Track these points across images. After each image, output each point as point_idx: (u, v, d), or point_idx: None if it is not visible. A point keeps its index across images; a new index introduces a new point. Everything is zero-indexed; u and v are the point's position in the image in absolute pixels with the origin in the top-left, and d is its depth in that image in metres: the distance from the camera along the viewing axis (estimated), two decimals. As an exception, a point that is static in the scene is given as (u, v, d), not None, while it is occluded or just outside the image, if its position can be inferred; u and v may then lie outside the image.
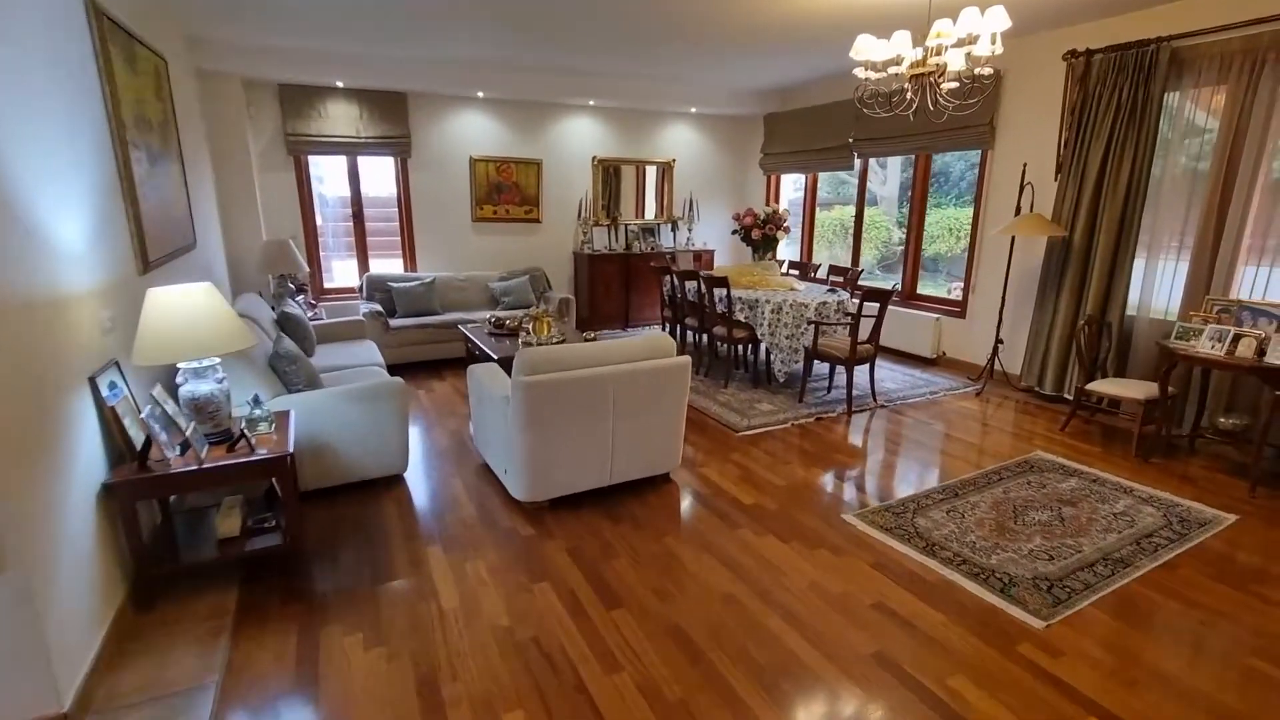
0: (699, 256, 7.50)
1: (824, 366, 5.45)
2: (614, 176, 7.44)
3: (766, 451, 3.91)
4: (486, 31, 4.78)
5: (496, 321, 4.81)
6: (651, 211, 7.78)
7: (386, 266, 6.58)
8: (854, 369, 4.60)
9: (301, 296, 5.54)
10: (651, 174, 7.66)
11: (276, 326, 4.22)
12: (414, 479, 3.50)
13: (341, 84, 5.70)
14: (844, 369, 4.63)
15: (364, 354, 4.55)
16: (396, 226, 6.58)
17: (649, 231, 7.68)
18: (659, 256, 7.24)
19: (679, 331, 5.93)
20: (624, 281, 7.25)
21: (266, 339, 3.68)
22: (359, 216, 6.37)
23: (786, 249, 7.75)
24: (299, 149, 5.84)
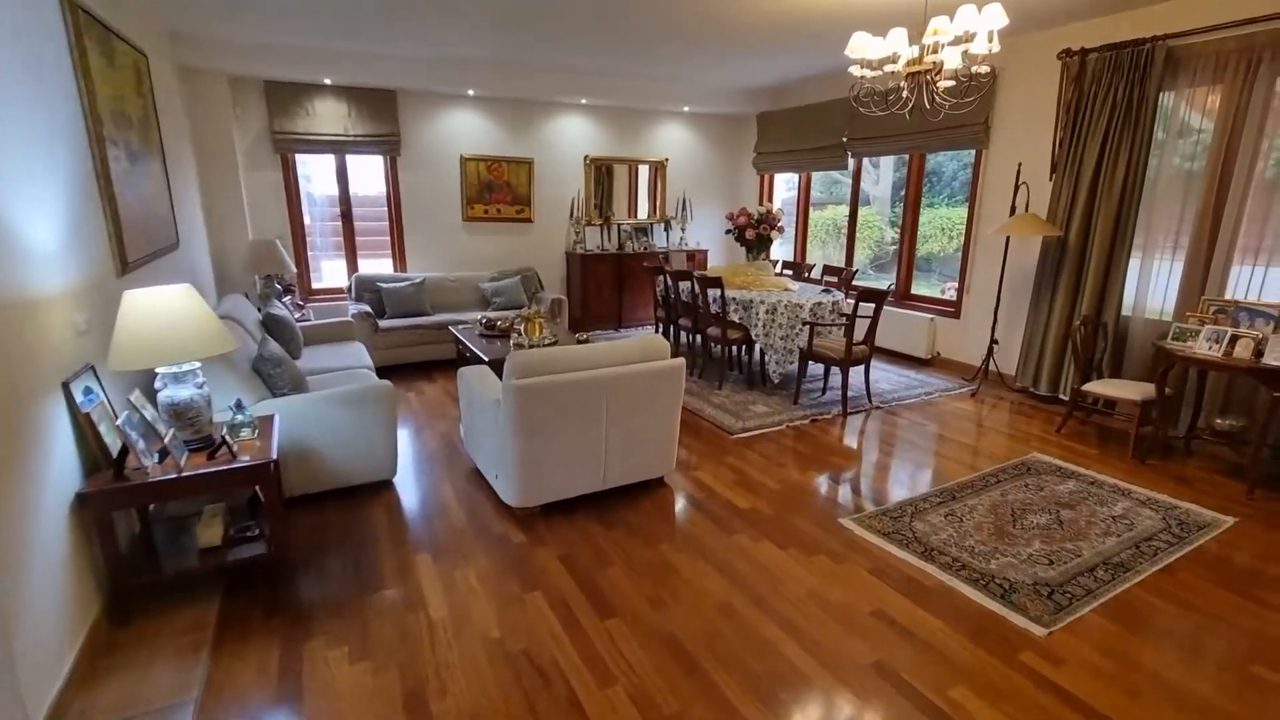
0: (692, 256, 7.44)
1: (818, 367, 5.42)
2: (606, 176, 7.37)
3: (761, 454, 3.86)
4: (477, 28, 4.71)
5: (488, 323, 4.74)
6: (644, 211, 7.72)
7: (376, 267, 6.49)
8: (849, 370, 4.56)
9: (289, 297, 5.45)
10: (644, 173, 7.60)
11: (262, 328, 4.14)
12: (403, 484, 3.43)
13: (329, 81, 5.61)
14: (839, 370, 4.59)
15: (352, 356, 4.47)
16: (386, 226, 6.49)
17: (642, 231, 7.63)
18: (652, 256, 7.18)
19: (673, 332, 5.87)
20: (617, 282, 7.19)
21: (251, 341, 3.60)
22: (348, 216, 6.28)
23: (780, 249, 7.70)
24: (286, 147, 5.75)
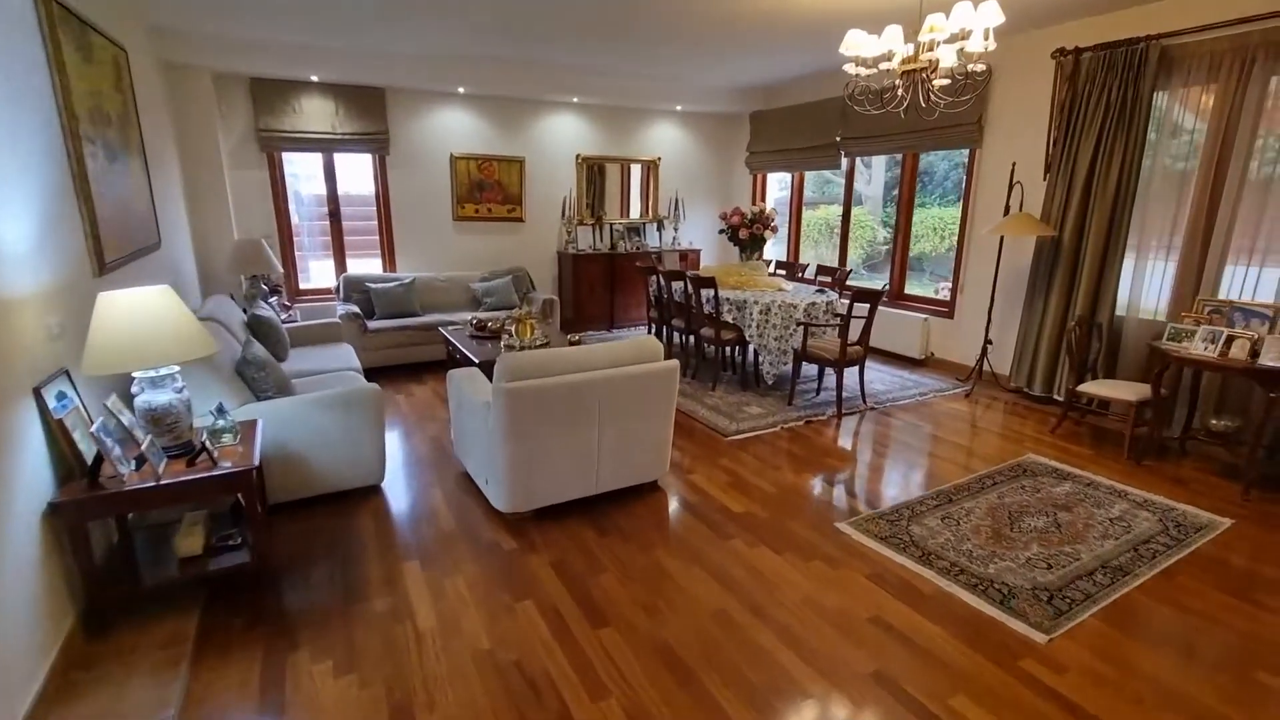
0: (685, 256, 7.40)
1: (812, 368, 5.38)
2: (598, 175, 7.31)
3: (756, 456, 3.81)
4: (466, 25, 4.64)
5: (478, 323, 4.67)
6: (636, 210, 7.66)
7: (365, 267, 6.41)
8: (844, 371, 4.52)
9: (275, 298, 5.36)
10: (636, 172, 7.55)
11: (246, 330, 4.05)
12: (391, 489, 3.36)
13: (316, 78, 5.52)
14: (833, 371, 4.56)
15: (340, 358, 4.39)
16: (375, 225, 6.40)
17: (634, 231, 7.57)
18: (644, 256, 7.12)
19: (665, 333, 5.82)
20: (609, 282, 7.13)
21: (235, 343, 3.51)
22: (336, 215, 6.19)
23: (772, 249, 7.66)
24: (272, 145, 5.65)
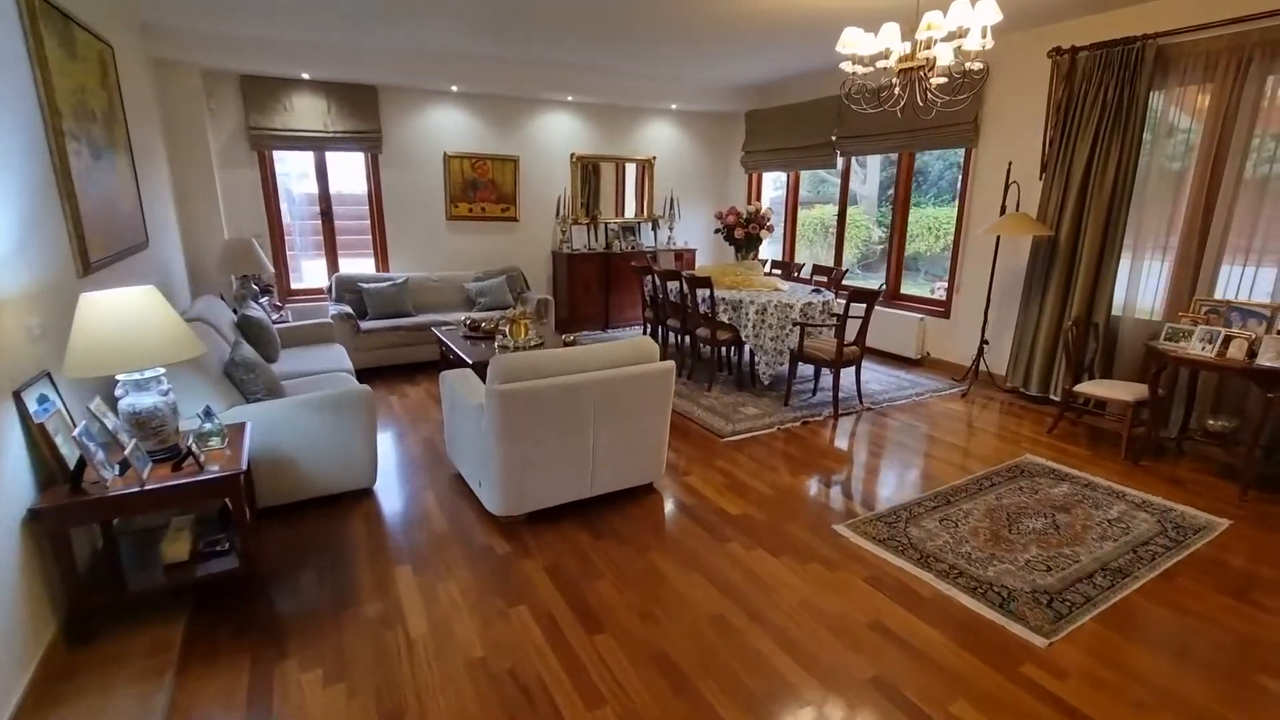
0: (680, 256, 7.37)
1: (809, 368, 5.35)
2: (593, 174, 7.27)
3: (752, 458, 3.78)
4: (460, 22, 4.59)
5: (472, 323, 4.62)
6: (631, 210, 7.62)
7: (357, 266, 6.34)
8: (840, 371, 4.50)
9: (266, 298, 5.30)
10: (631, 171, 7.51)
11: (236, 330, 4.00)
12: (383, 492, 3.31)
13: (308, 76, 5.46)
14: (830, 371, 4.53)
15: (331, 359, 4.34)
16: (367, 225, 6.34)
17: (629, 230, 7.53)
18: (640, 256, 7.08)
19: (661, 333, 5.79)
20: (604, 281, 7.09)
21: (224, 344, 3.46)
22: (328, 214, 6.12)
23: (768, 248, 7.64)
24: (263, 144, 5.58)
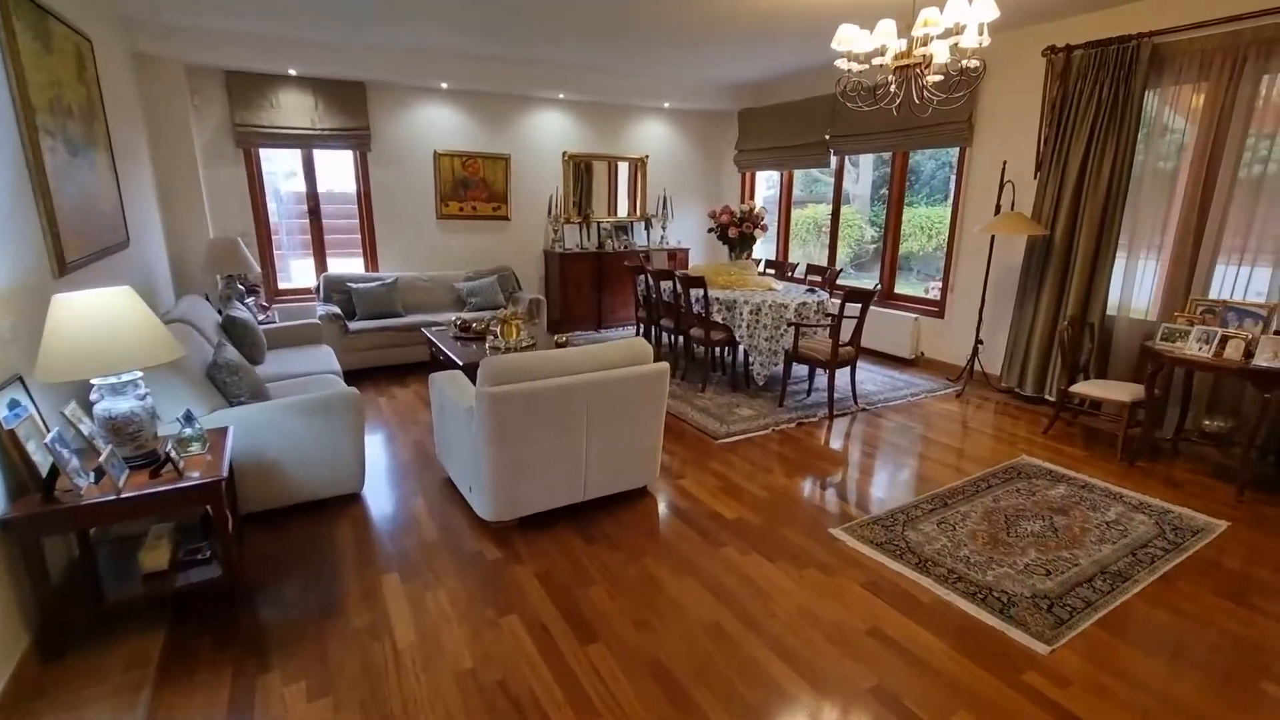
0: (673, 255, 7.31)
1: (803, 368, 5.31)
2: (585, 173, 7.20)
3: (747, 460, 3.74)
4: (451, 19, 4.51)
5: (463, 324, 4.55)
6: (624, 209, 7.56)
7: (346, 266, 6.25)
8: (835, 372, 4.46)
9: (252, 299, 5.20)
10: (624, 170, 7.45)
11: (221, 331, 3.91)
12: (371, 497, 3.24)
13: (294, 72, 5.37)
14: (825, 372, 4.49)
15: (319, 360, 4.26)
16: (356, 224, 6.25)
17: (622, 229, 7.47)
18: (633, 255, 7.02)
19: (654, 333, 5.73)
20: (596, 281, 7.03)
21: (207, 346, 3.38)
22: (316, 213, 6.03)
23: (761, 248, 7.60)
24: (249, 141, 5.49)
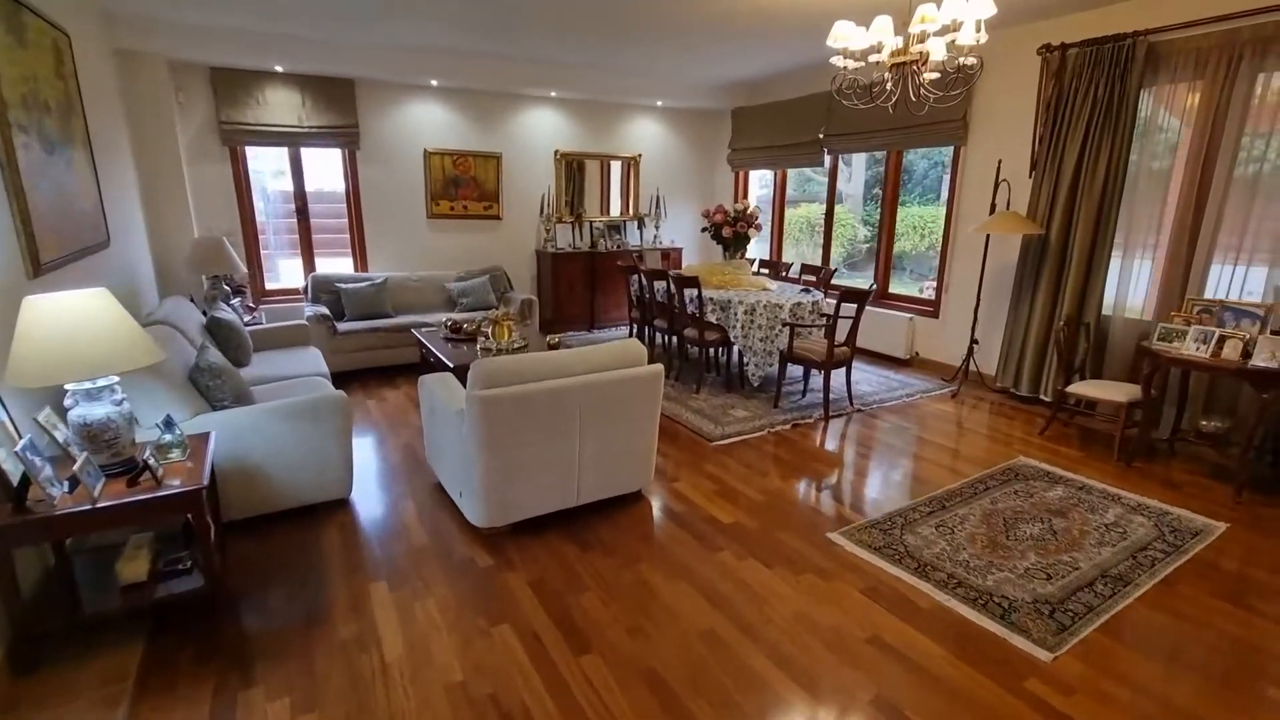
0: (667, 255, 7.26)
1: (798, 369, 5.27)
2: (577, 171, 7.14)
3: (743, 462, 3.69)
4: (441, 14, 4.44)
5: (453, 325, 4.48)
6: (617, 208, 7.50)
7: (335, 266, 6.17)
8: (830, 372, 4.42)
9: (238, 299, 5.11)
10: (616, 169, 7.39)
11: (205, 333, 3.83)
12: (360, 502, 3.17)
13: (281, 69, 5.28)
14: (820, 372, 4.45)
15: (306, 362, 4.18)
16: (345, 223, 6.17)
17: (615, 229, 7.41)
18: (626, 255, 6.97)
19: (648, 333, 5.68)
20: (589, 281, 6.97)
21: (190, 348, 3.30)
22: (303, 212, 5.94)
23: (755, 247, 7.55)
24: (235, 139, 5.39)
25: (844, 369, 4.59)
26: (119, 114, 4.45)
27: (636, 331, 5.90)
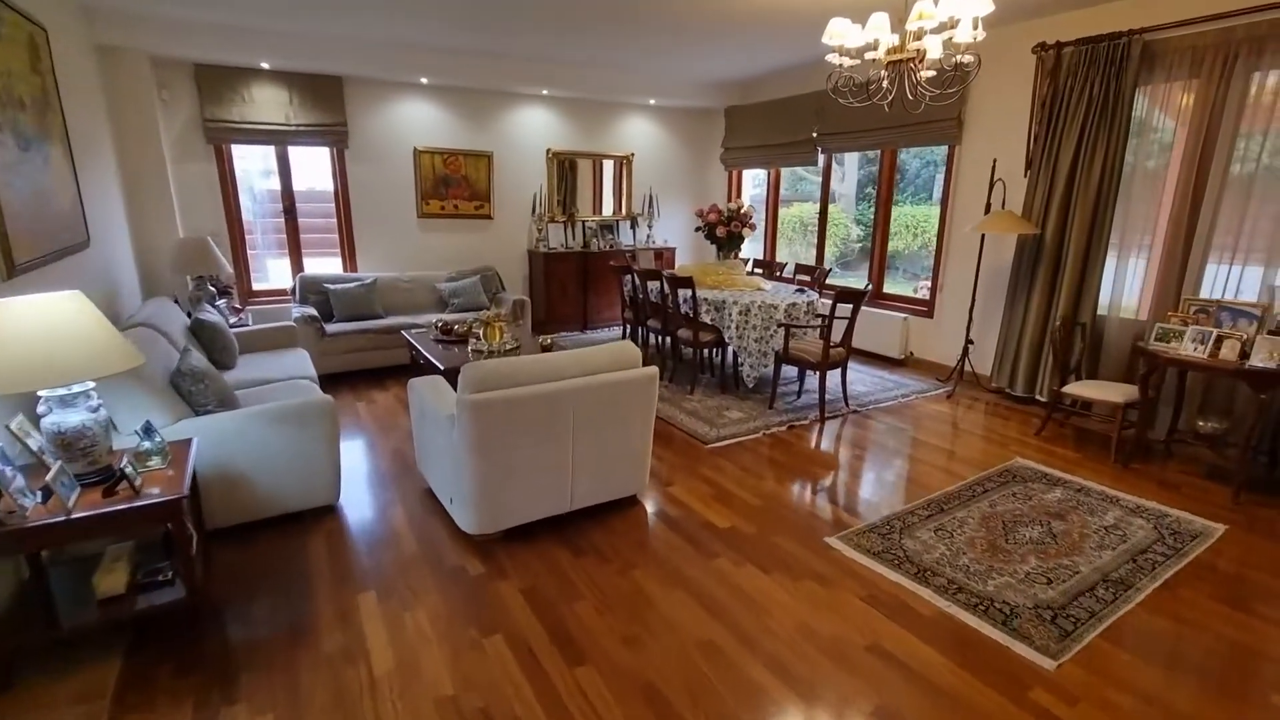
0: (660, 254, 7.21)
1: (793, 369, 5.23)
2: (570, 170, 7.07)
3: (738, 465, 3.64)
4: (430, 9, 4.37)
5: (444, 326, 4.41)
6: (609, 207, 7.44)
7: (323, 266, 6.07)
8: (826, 373, 4.38)
9: (224, 300, 5.01)
10: (609, 168, 7.33)
11: (190, 335, 3.74)
12: (348, 508, 3.10)
13: (268, 65, 5.18)
14: (815, 373, 4.41)
15: (294, 365, 4.09)
16: (334, 223, 6.07)
17: (607, 228, 7.35)
18: (618, 255, 6.91)
19: (641, 334, 5.63)
20: (582, 281, 6.90)
21: (173, 351, 3.22)
22: (291, 212, 5.84)
23: (748, 247, 7.52)
24: (220, 137, 5.30)
25: (839, 369, 4.55)
26: (100, 111, 4.36)
27: (630, 332, 5.85)
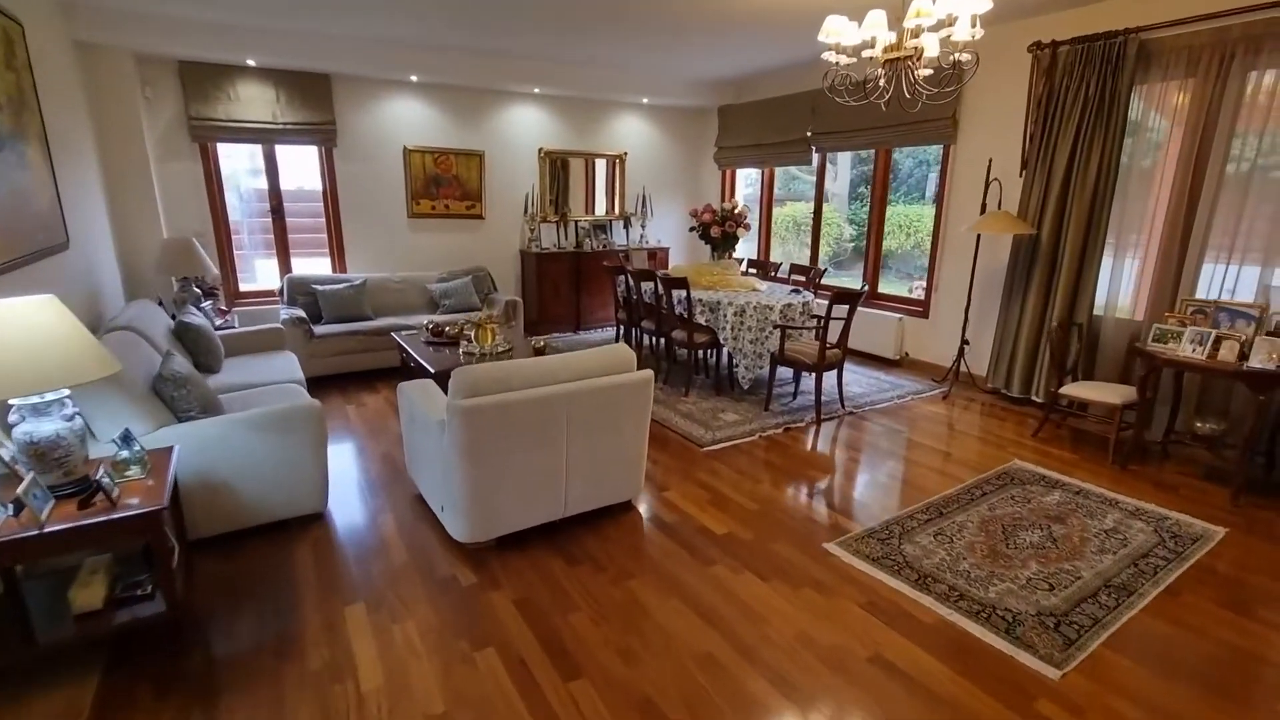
0: (654, 255, 7.16)
1: (788, 370, 5.19)
2: (562, 170, 7.00)
3: (734, 469, 3.59)
4: (419, 4, 4.29)
5: (435, 328, 4.34)
6: (602, 207, 7.38)
7: (312, 267, 5.98)
8: (822, 374, 4.33)
9: (210, 302, 4.92)
10: (601, 167, 7.26)
11: (173, 338, 3.66)
12: (336, 516, 3.02)
13: (254, 63, 5.09)
14: (811, 375, 4.37)
15: (281, 368, 4.01)
16: (322, 223, 5.98)
17: (600, 228, 7.29)
18: (612, 255, 6.85)
19: (635, 335, 5.57)
20: (574, 282, 6.84)
21: (156, 355, 3.13)
22: (278, 211, 5.75)
23: (742, 247, 7.46)
24: (205, 135, 5.20)
25: (835, 371, 4.52)
26: (81, 109, 4.26)
27: (623, 333, 5.79)
